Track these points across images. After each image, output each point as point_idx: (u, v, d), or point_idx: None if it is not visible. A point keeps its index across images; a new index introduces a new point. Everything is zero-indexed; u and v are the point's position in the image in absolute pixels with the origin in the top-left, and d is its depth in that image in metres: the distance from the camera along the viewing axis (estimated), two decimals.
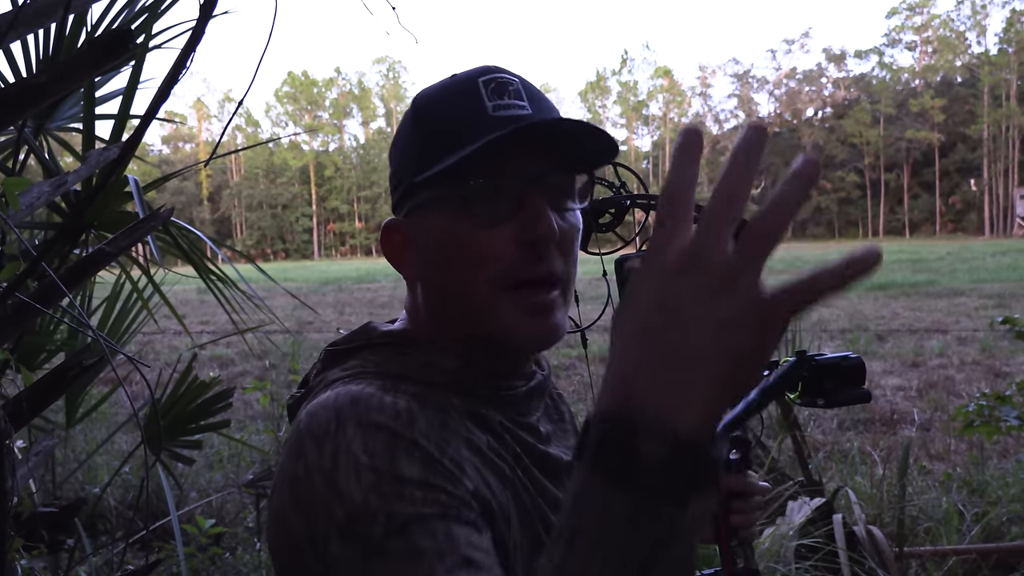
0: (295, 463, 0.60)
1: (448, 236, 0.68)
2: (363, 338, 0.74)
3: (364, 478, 0.57)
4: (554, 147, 0.68)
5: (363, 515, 0.55)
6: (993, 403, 2.94)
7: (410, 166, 0.71)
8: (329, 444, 0.59)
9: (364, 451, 0.58)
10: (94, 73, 1.20)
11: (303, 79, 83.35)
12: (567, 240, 0.70)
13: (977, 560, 2.77)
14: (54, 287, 1.22)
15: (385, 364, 0.70)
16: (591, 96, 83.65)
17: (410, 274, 0.75)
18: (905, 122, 69.32)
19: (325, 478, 0.57)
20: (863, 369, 0.72)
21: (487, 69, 0.72)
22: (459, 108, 0.69)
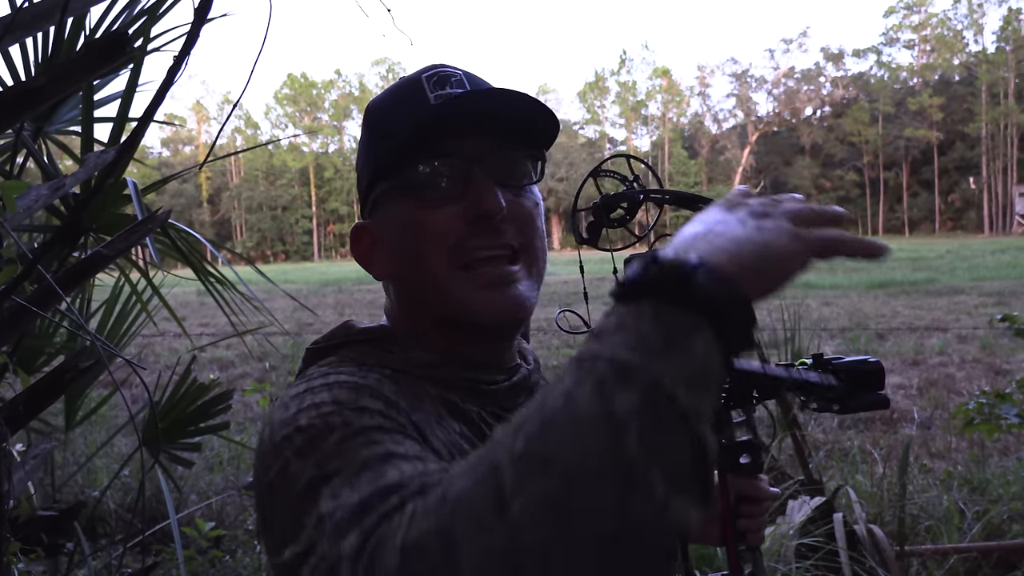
0: (263, 434, 0.61)
1: (404, 224, 0.70)
2: (342, 336, 0.75)
3: (324, 408, 0.58)
4: (493, 125, 0.69)
5: (321, 430, 0.56)
6: (993, 401, 2.94)
7: (367, 168, 0.75)
8: (295, 402, 0.60)
9: (329, 396, 0.59)
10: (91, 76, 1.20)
11: (303, 81, 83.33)
12: (522, 215, 0.71)
13: (978, 558, 2.76)
14: (52, 290, 1.22)
15: (363, 358, 0.71)
16: (590, 96, 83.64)
17: (379, 272, 0.76)
18: (904, 120, 69.32)
19: (287, 423, 0.58)
20: (882, 373, 0.69)
21: (431, 66, 0.75)
22: (404, 105, 0.72)
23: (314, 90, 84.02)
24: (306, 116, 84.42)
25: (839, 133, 72.84)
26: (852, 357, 0.72)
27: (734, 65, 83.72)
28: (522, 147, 0.72)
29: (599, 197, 0.85)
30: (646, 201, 0.84)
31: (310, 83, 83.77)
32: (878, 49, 77.02)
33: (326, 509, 0.50)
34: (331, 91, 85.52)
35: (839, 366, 0.70)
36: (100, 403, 2.72)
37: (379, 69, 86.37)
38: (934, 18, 73.90)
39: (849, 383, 0.69)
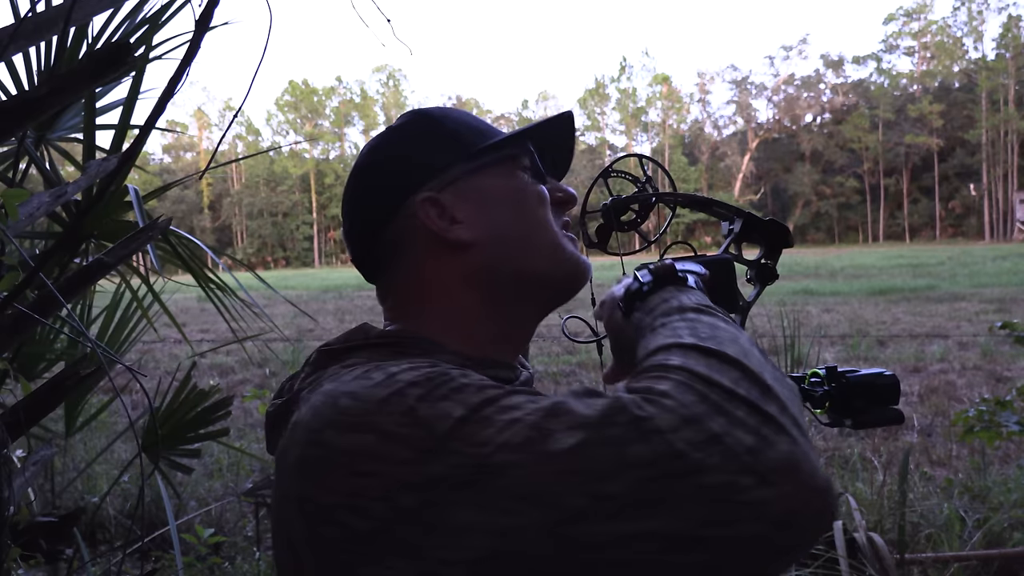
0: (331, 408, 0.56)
1: (518, 190, 0.75)
2: (360, 338, 0.71)
3: (424, 370, 0.57)
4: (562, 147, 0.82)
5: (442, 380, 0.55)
6: (994, 408, 2.93)
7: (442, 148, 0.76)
8: (376, 373, 0.57)
9: (415, 365, 0.58)
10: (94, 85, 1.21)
11: (304, 88, 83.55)
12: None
13: (979, 566, 2.76)
14: (53, 297, 1.22)
15: (388, 361, 0.65)
16: (590, 103, 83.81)
17: (460, 237, 0.72)
18: (904, 127, 69.42)
19: (386, 386, 0.55)
20: (898, 388, 0.68)
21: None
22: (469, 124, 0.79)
23: (315, 97, 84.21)
24: (307, 123, 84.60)
25: (839, 140, 72.93)
26: (867, 370, 0.70)
27: (734, 72, 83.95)
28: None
29: (609, 199, 0.84)
30: (658, 204, 0.83)
31: (311, 90, 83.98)
32: (878, 56, 77.24)
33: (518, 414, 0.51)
34: (332, 98, 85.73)
35: (853, 379, 0.68)
36: (100, 409, 2.72)
37: (380, 76, 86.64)
38: (934, 25, 74.12)
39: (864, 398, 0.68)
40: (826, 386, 0.70)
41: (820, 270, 23.81)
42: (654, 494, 0.47)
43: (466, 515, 0.49)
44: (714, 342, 0.56)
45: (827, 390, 0.70)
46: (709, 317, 0.62)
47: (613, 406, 0.50)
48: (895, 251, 42.72)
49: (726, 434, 0.48)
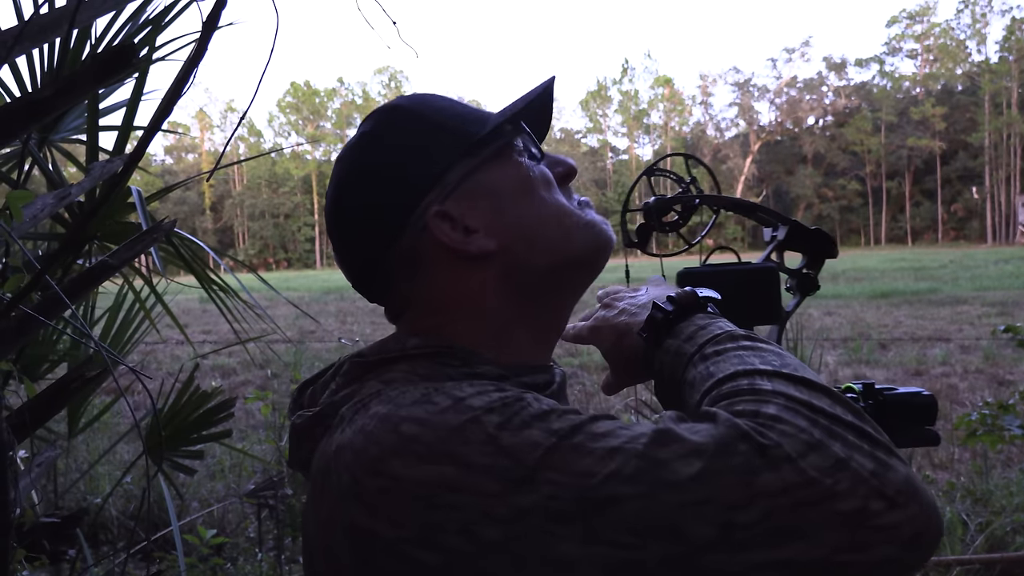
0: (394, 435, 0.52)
1: (530, 180, 0.70)
2: (397, 349, 0.66)
3: (496, 395, 0.53)
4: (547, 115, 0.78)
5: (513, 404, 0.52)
6: (996, 412, 2.93)
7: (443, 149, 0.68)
8: (440, 397, 0.54)
9: (482, 389, 0.54)
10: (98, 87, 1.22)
11: (306, 89, 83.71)
12: None
13: (981, 570, 2.75)
14: (58, 298, 1.23)
15: (434, 377, 0.62)
16: (592, 105, 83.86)
17: (483, 247, 0.67)
18: (906, 130, 69.38)
19: (458, 412, 0.52)
20: (935, 408, 0.67)
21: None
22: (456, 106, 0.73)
23: (317, 98, 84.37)
24: (309, 124, 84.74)
25: (841, 142, 72.91)
26: (905, 389, 0.68)
27: (736, 74, 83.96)
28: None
29: (652, 199, 0.81)
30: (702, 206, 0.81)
31: (313, 91, 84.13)
32: (881, 59, 77.21)
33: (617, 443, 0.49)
34: (334, 99, 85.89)
35: (890, 397, 0.67)
36: (103, 410, 2.72)
37: (381, 78, 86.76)
38: (937, 28, 74.11)
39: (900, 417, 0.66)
40: (862, 403, 0.68)
41: (822, 273, 23.66)
42: (789, 522, 0.46)
43: (568, 548, 0.47)
44: (790, 369, 0.56)
45: (863, 407, 0.68)
46: (763, 344, 0.61)
47: (730, 433, 0.49)
48: (897, 254, 42.68)
49: (849, 459, 0.48)
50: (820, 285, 0.79)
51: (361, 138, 0.71)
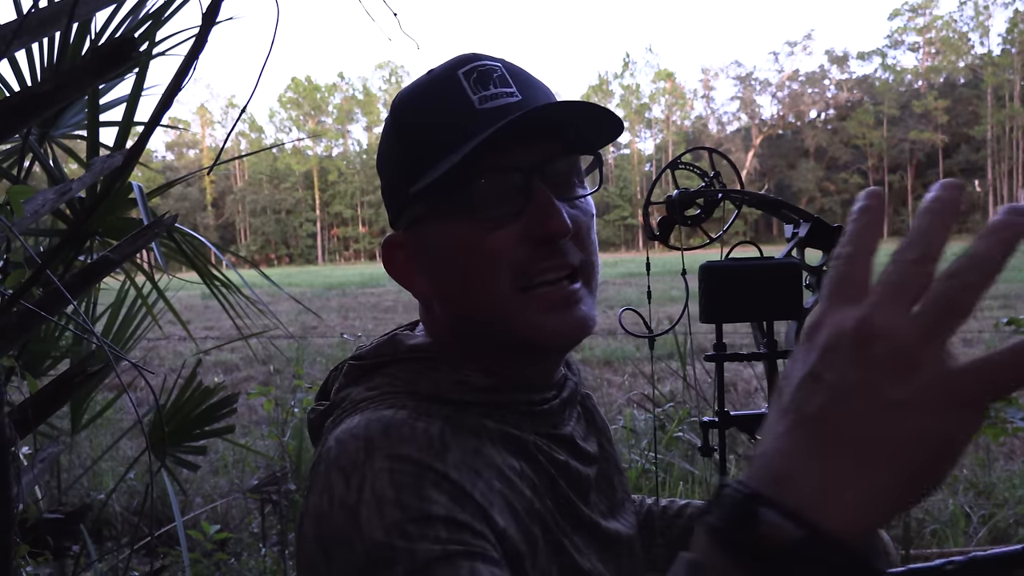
0: (321, 497, 0.58)
1: (456, 244, 0.64)
2: (389, 353, 0.69)
3: (388, 514, 0.54)
4: (554, 132, 0.64)
5: (384, 554, 0.53)
6: (999, 405, 2.92)
7: (400, 178, 0.67)
8: (356, 477, 0.56)
9: (391, 485, 0.55)
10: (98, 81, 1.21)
11: (306, 84, 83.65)
12: (581, 229, 0.66)
13: None
14: (59, 294, 1.22)
15: (415, 382, 0.67)
16: (594, 99, 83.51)
17: (422, 291, 0.70)
18: (908, 123, 69.23)
19: (348, 514, 0.55)
20: None
21: (466, 58, 0.66)
22: (443, 107, 0.64)
23: (318, 93, 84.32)
24: (310, 119, 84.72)
25: (843, 136, 72.76)
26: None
27: (738, 68, 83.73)
28: (582, 152, 0.67)
29: (675, 192, 0.80)
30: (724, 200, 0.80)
31: (314, 86, 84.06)
32: (883, 52, 76.95)
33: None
34: (335, 94, 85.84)
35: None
36: (105, 406, 2.73)
37: (382, 72, 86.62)
38: (939, 20, 73.84)
39: None
40: None
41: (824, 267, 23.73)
42: None
43: None
44: None
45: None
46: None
47: None
48: None
49: None
50: None
51: (384, 124, 0.71)
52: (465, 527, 0.55)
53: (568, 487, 0.69)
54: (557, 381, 0.73)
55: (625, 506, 0.79)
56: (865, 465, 0.33)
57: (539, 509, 0.64)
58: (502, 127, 0.60)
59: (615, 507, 0.77)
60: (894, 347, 0.34)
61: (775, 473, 0.35)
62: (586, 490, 0.72)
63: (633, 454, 3.58)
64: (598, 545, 0.70)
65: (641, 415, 4.19)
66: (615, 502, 0.77)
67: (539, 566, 0.61)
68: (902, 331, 0.34)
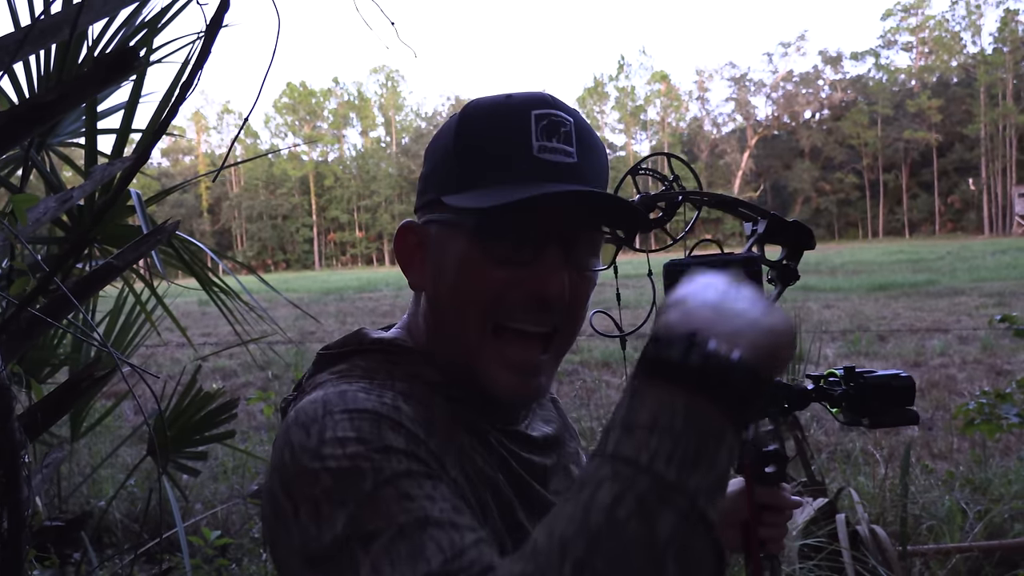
0: (282, 452, 0.60)
1: (459, 260, 0.68)
2: (354, 343, 0.75)
3: (350, 447, 0.57)
4: (583, 212, 0.68)
5: (351, 476, 0.55)
6: (994, 401, 2.95)
7: (441, 180, 0.70)
8: (315, 427, 0.59)
9: (351, 428, 0.59)
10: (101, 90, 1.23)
11: (301, 90, 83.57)
12: (577, 299, 0.69)
13: (980, 558, 2.77)
14: (64, 301, 1.24)
15: (373, 370, 0.71)
16: (589, 102, 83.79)
17: (416, 281, 0.74)
18: (902, 123, 69.40)
19: (311, 454, 0.57)
20: (913, 389, 0.69)
21: (543, 100, 0.69)
22: (505, 138, 0.67)
23: (313, 99, 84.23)
24: (305, 125, 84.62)
25: (838, 136, 72.92)
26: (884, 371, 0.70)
27: (732, 69, 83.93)
28: (602, 227, 0.71)
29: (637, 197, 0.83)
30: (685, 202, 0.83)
31: (309, 92, 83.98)
32: (876, 52, 77.21)
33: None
34: (330, 100, 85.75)
35: (870, 380, 0.69)
36: (106, 413, 2.73)
37: (378, 77, 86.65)
38: (932, 20, 74.08)
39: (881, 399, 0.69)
40: (843, 386, 0.71)
41: (820, 266, 23.81)
42: None
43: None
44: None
45: (844, 390, 0.70)
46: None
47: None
48: (895, 246, 42.71)
49: None
50: (800, 275, 0.82)
51: (447, 120, 0.75)
52: (424, 462, 0.58)
53: (523, 471, 0.72)
54: None
55: None
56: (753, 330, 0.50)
57: (490, 475, 0.68)
58: (550, 198, 0.64)
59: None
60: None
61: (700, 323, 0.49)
62: (544, 476, 0.75)
63: None
64: None
65: None
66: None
67: (488, 526, 0.65)
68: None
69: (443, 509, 0.54)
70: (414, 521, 0.53)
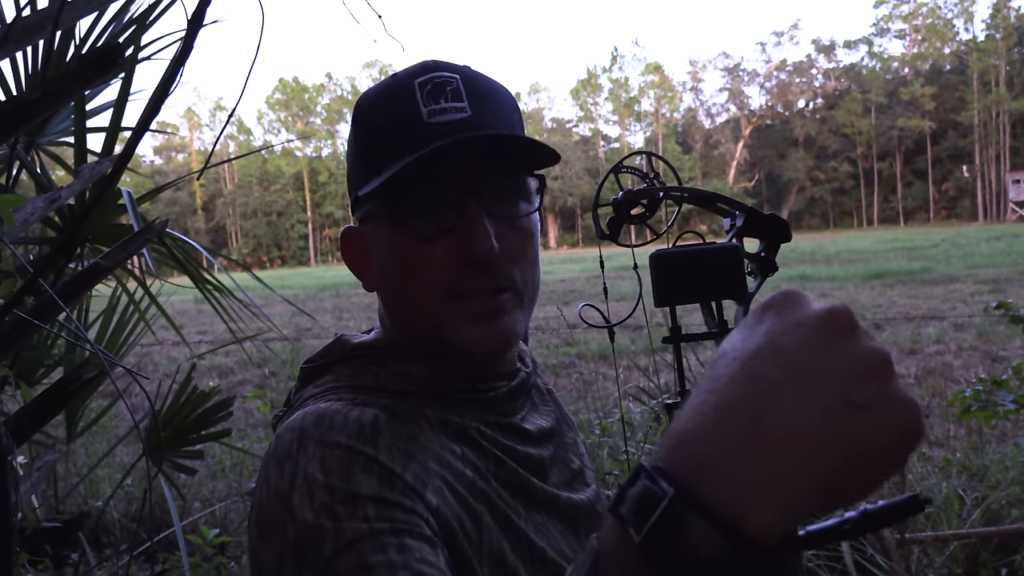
0: (260, 488, 0.61)
1: (390, 248, 0.68)
2: (336, 352, 0.74)
3: (317, 497, 0.56)
4: (492, 161, 0.66)
5: (313, 534, 0.55)
6: (990, 388, 2.95)
7: (355, 176, 0.71)
8: (289, 465, 0.59)
9: (320, 470, 0.58)
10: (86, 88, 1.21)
11: (294, 85, 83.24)
12: (516, 248, 0.68)
13: (978, 544, 2.78)
14: (51, 302, 1.23)
15: (359, 377, 0.70)
16: (583, 94, 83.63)
17: (369, 284, 0.74)
18: (896, 111, 69.46)
19: (281, 500, 0.58)
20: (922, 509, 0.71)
21: (424, 67, 0.69)
22: (394, 117, 0.67)
23: (306, 94, 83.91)
24: (299, 120, 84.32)
25: (832, 125, 72.96)
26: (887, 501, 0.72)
27: (726, 59, 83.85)
28: (521, 171, 0.70)
29: (620, 193, 0.86)
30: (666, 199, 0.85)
31: (302, 87, 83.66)
32: (869, 40, 77.23)
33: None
34: (323, 95, 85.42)
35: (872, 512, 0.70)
36: (101, 413, 2.72)
37: (371, 72, 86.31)
38: (924, 7, 74.09)
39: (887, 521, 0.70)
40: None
41: (816, 255, 23.86)
42: None
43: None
44: None
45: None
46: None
47: None
48: (890, 235, 42.83)
49: None
50: (778, 267, 0.84)
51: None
52: (394, 505, 0.57)
53: (519, 466, 0.71)
54: (507, 372, 0.76)
55: (585, 474, 0.82)
56: (798, 464, 0.30)
57: (483, 488, 0.66)
58: (436, 149, 0.62)
59: (575, 477, 0.80)
60: (871, 346, 0.32)
61: (698, 460, 0.32)
62: (541, 469, 0.74)
63: (630, 446, 3.60)
64: (559, 519, 0.72)
65: (637, 408, 4.21)
66: (574, 472, 0.81)
67: (486, 540, 0.63)
68: (874, 342, 0.33)
69: (407, 568, 0.54)
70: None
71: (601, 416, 4.12)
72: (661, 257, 0.71)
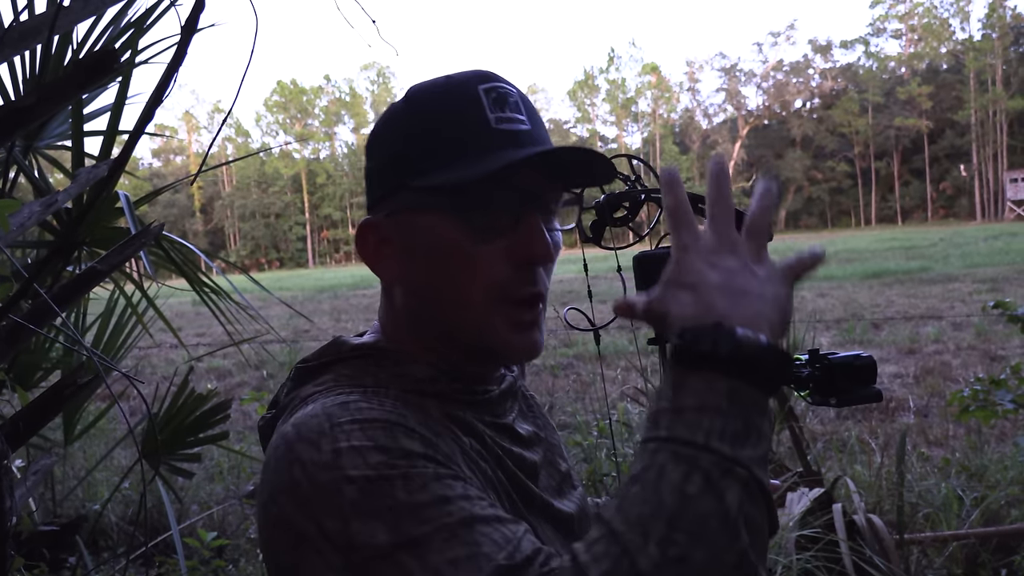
0: (290, 470, 0.58)
1: (442, 242, 0.67)
2: (333, 353, 0.73)
3: (371, 458, 0.56)
4: (556, 170, 0.69)
5: (379, 485, 0.54)
6: (988, 387, 2.95)
7: (402, 165, 0.69)
8: (326, 441, 0.57)
9: (365, 438, 0.57)
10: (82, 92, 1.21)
11: (292, 88, 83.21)
12: (551, 260, 0.71)
13: (977, 544, 2.78)
14: (48, 306, 1.22)
15: (359, 377, 0.69)
16: (580, 95, 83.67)
17: (389, 276, 0.73)
18: (893, 110, 69.53)
19: (328, 467, 0.56)
20: (875, 368, 0.73)
21: (485, 76, 0.70)
22: (460, 114, 0.68)
23: (304, 96, 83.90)
24: (297, 123, 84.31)
25: (829, 124, 73.03)
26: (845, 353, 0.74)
27: (723, 59, 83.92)
28: (571, 186, 0.73)
29: (603, 196, 0.87)
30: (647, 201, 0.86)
31: (300, 90, 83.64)
32: (865, 39, 77.30)
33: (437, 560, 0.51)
34: (321, 97, 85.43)
35: (835, 361, 0.72)
36: (98, 417, 2.72)
37: (368, 74, 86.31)
38: (920, 7, 74.18)
39: (846, 378, 0.72)
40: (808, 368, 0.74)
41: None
42: None
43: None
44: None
45: (810, 372, 0.73)
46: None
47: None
48: (888, 234, 42.86)
49: None
50: None
51: (389, 108, 0.74)
52: (444, 463, 0.58)
53: (516, 467, 0.72)
54: (496, 377, 0.78)
55: (572, 480, 0.83)
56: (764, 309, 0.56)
57: (494, 478, 0.68)
58: (532, 156, 0.65)
59: (563, 483, 0.81)
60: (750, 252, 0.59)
61: (720, 311, 0.54)
62: (534, 473, 0.75)
63: (627, 447, 3.59)
64: (551, 525, 0.73)
65: (635, 409, 4.21)
66: (563, 476, 0.82)
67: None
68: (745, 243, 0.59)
69: (483, 506, 0.55)
70: (460, 521, 0.53)
71: (599, 417, 4.12)
72: (644, 259, 0.72)
